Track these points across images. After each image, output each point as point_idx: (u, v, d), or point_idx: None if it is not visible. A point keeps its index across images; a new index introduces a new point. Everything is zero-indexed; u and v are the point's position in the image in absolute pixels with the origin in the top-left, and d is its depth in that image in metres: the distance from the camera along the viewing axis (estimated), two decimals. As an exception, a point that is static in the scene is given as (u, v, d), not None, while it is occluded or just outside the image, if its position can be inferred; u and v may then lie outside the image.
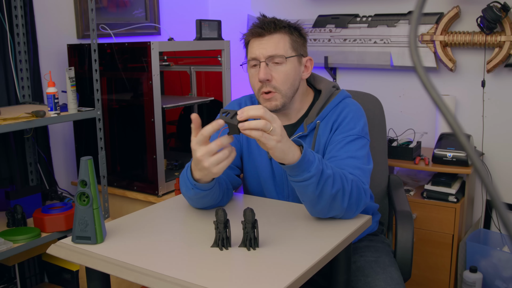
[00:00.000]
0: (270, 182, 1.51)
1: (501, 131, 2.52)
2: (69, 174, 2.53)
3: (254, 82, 1.45)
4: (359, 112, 1.47)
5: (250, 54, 1.44)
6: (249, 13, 3.20)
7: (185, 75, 2.87)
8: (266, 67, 1.41)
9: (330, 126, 1.45)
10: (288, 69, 1.42)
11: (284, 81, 1.42)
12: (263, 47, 1.41)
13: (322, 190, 1.19)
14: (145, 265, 1.05)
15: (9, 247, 1.81)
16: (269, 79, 1.40)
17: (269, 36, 1.42)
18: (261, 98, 1.45)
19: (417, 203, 2.37)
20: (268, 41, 1.42)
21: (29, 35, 2.24)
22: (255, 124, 1.10)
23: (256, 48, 1.42)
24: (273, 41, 1.42)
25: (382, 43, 2.70)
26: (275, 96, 1.42)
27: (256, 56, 1.42)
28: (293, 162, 1.16)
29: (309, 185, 1.19)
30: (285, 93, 1.43)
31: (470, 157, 0.52)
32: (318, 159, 1.19)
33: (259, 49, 1.41)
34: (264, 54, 1.41)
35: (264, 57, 1.41)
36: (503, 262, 2.28)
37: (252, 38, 1.44)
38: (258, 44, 1.42)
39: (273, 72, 1.41)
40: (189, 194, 1.32)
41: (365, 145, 1.41)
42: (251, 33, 1.44)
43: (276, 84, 1.41)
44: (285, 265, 1.04)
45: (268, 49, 1.41)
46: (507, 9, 2.29)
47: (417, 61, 0.50)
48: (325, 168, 1.20)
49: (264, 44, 1.41)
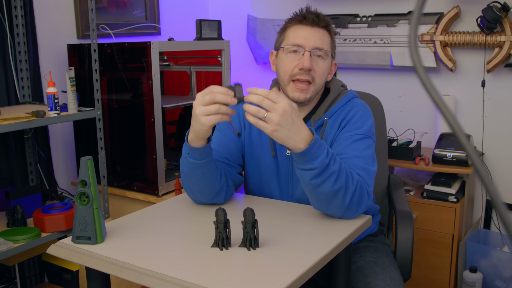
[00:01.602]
0: (274, 181, 1.51)
1: (501, 131, 2.52)
2: (69, 174, 2.53)
3: (290, 67, 1.43)
4: (367, 112, 1.48)
5: (294, 40, 1.42)
6: (249, 13, 3.20)
7: (185, 75, 2.87)
8: (310, 57, 1.41)
9: (338, 124, 1.45)
10: (326, 65, 1.45)
11: (321, 76, 1.44)
12: (311, 37, 1.41)
13: (322, 184, 1.20)
14: (145, 265, 1.05)
15: (9, 247, 1.81)
16: (312, 69, 1.41)
17: (318, 28, 1.43)
18: (290, 86, 1.43)
19: (417, 203, 2.37)
20: (316, 32, 1.42)
21: (29, 35, 2.24)
22: (247, 108, 1.14)
23: (303, 36, 1.42)
24: (321, 34, 1.43)
25: (382, 43, 2.70)
26: (309, 88, 1.42)
27: (302, 44, 1.41)
28: (297, 150, 1.16)
29: (308, 176, 1.19)
30: (318, 87, 1.45)
31: (470, 157, 0.52)
32: (326, 154, 1.19)
33: (307, 39, 1.41)
34: (311, 45, 1.41)
35: (311, 47, 1.41)
36: (503, 262, 2.28)
37: (300, 24, 1.43)
38: (306, 33, 1.42)
39: (314, 64, 1.42)
40: (184, 168, 1.34)
41: (371, 145, 1.42)
42: (301, 19, 1.43)
43: (314, 76, 1.42)
44: (285, 265, 1.04)
45: (316, 41, 1.41)
46: (507, 9, 2.29)
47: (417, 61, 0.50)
48: (332, 164, 1.20)
49: (312, 34, 1.41)
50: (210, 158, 1.32)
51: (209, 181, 1.34)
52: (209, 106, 1.18)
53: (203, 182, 1.34)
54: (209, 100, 1.17)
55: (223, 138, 1.53)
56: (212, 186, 1.36)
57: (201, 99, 1.19)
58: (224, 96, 1.17)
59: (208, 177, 1.33)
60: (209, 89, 1.19)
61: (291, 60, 1.43)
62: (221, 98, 1.17)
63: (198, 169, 1.31)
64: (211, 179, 1.34)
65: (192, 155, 1.28)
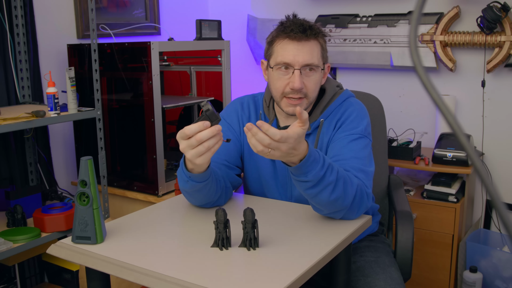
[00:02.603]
0: (272, 183, 1.51)
1: (501, 131, 2.52)
2: (69, 174, 2.53)
3: (280, 86, 1.40)
4: (363, 112, 1.47)
5: (282, 58, 1.38)
6: (249, 13, 3.20)
7: (185, 75, 2.87)
8: (300, 75, 1.37)
9: (334, 124, 1.45)
10: (318, 77, 1.41)
11: (314, 89, 1.41)
12: (300, 53, 1.36)
13: (318, 195, 1.19)
14: (145, 265, 1.05)
15: (9, 247, 1.81)
16: (303, 87, 1.38)
17: (306, 42, 1.37)
18: (284, 102, 1.41)
19: (417, 203, 2.37)
20: (304, 48, 1.37)
21: (29, 35, 2.24)
22: (254, 145, 1.10)
23: (291, 53, 1.37)
24: (309, 48, 1.37)
25: (382, 43, 2.70)
26: (303, 102, 1.40)
27: (290, 62, 1.37)
28: (291, 165, 1.16)
29: (303, 187, 1.19)
30: (311, 100, 1.43)
31: (470, 157, 0.52)
32: (321, 166, 1.17)
33: (295, 56, 1.36)
34: (300, 62, 1.36)
35: (300, 65, 1.37)
36: (503, 262, 2.28)
37: (288, 39, 1.38)
38: (294, 49, 1.37)
39: (305, 80, 1.38)
40: (185, 188, 1.32)
41: (367, 145, 1.41)
42: (287, 35, 1.38)
43: (307, 92, 1.39)
44: (285, 265, 1.04)
45: (305, 57, 1.36)
46: (507, 9, 2.29)
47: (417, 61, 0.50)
48: (328, 175, 1.18)
49: (301, 50, 1.37)
50: (212, 176, 1.30)
51: (211, 194, 1.34)
52: (198, 148, 1.14)
53: (205, 196, 1.34)
54: (197, 142, 1.14)
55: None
56: (214, 196, 1.36)
57: (188, 143, 1.14)
58: (212, 140, 1.14)
59: (210, 191, 1.33)
60: (185, 133, 1.13)
61: (281, 78, 1.39)
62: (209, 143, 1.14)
63: (202, 189, 1.30)
64: (213, 192, 1.34)
65: (194, 179, 1.26)
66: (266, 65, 1.48)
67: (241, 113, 1.56)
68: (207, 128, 1.13)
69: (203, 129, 1.13)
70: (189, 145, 1.15)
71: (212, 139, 1.14)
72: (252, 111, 1.56)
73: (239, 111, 1.56)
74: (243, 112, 1.56)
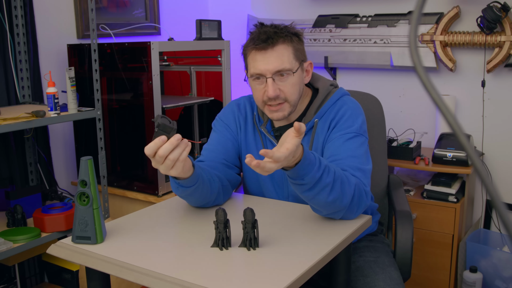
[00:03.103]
0: (269, 183, 1.51)
1: (501, 131, 2.52)
2: (69, 174, 2.53)
3: (259, 96, 1.41)
4: (357, 110, 1.46)
5: (254, 69, 1.39)
6: (249, 13, 3.20)
7: (185, 75, 2.87)
8: (274, 82, 1.37)
9: (328, 124, 1.44)
10: (295, 80, 1.40)
11: (293, 92, 1.41)
12: (268, 62, 1.37)
13: (316, 197, 1.19)
14: (145, 265, 1.05)
15: (9, 247, 1.81)
16: (278, 94, 1.38)
17: (272, 49, 1.37)
18: (266, 109, 1.42)
19: (417, 203, 2.37)
20: (271, 55, 1.37)
21: (29, 35, 2.24)
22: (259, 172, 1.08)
23: (261, 63, 1.37)
24: (277, 54, 1.37)
25: (382, 43, 2.70)
26: (284, 106, 1.41)
27: (261, 72, 1.38)
28: (286, 168, 1.16)
29: (300, 189, 1.19)
30: (294, 102, 1.42)
31: (470, 157, 0.52)
32: (318, 168, 1.16)
33: (264, 65, 1.37)
34: (270, 70, 1.37)
35: (271, 73, 1.37)
36: (503, 262, 2.28)
37: (255, 50, 1.39)
38: (262, 59, 1.37)
39: (281, 86, 1.38)
40: (178, 193, 1.33)
41: (363, 143, 1.41)
42: (253, 47, 1.39)
43: (285, 96, 1.39)
44: (285, 265, 1.04)
45: (274, 64, 1.36)
46: (507, 9, 2.29)
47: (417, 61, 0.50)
48: (325, 177, 1.18)
49: (268, 59, 1.37)
50: (201, 179, 1.30)
51: (205, 195, 1.35)
52: (165, 163, 1.14)
53: (200, 198, 1.35)
54: (161, 159, 1.13)
55: (220, 139, 1.53)
56: (210, 196, 1.36)
57: (154, 161, 1.15)
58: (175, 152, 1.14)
59: (204, 193, 1.33)
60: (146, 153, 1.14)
61: (257, 88, 1.41)
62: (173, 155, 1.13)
63: (193, 192, 1.31)
64: (207, 193, 1.34)
65: (182, 184, 1.27)
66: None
67: (238, 114, 1.56)
68: (164, 142, 1.13)
69: (161, 145, 1.12)
70: (156, 162, 1.15)
71: (176, 150, 1.14)
72: (249, 112, 1.56)
73: (236, 112, 1.57)
74: (239, 113, 1.56)
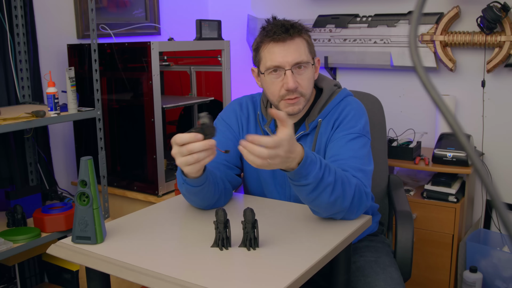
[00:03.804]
0: (270, 183, 1.51)
1: (501, 131, 2.52)
2: (69, 174, 2.53)
3: (275, 90, 1.41)
4: (361, 111, 1.47)
5: (271, 62, 1.39)
6: (249, 13, 3.20)
7: (185, 75, 2.87)
8: (293, 75, 1.38)
9: (332, 124, 1.44)
10: (310, 73, 1.42)
11: (308, 86, 1.42)
12: (287, 53, 1.37)
13: (319, 197, 1.19)
14: (145, 265, 1.05)
15: (9, 247, 1.81)
16: (297, 86, 1.39)
17: (291, 40, 1.38)
18: (283, 103, 1.42)
19: (417, 203, 2.37)
20: (290, 46, 1.37)
21: (29, 35, 2.24)
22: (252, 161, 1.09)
23: (279, 55, 1.37)
24: (295, 46, 1.38)
25: (382, 43, 2.70)
26: (300, 100, 1.41)
27: (280, 64, 1.38)
28: (289, 170, 1.16)
29: (304, 191, 1.19)
30: (308, 96, 1.43)
31: (470, 157, 0.52)
32: (319, 167, 1.17)
33: (284, 57, 1.37)
34: (289, 62, 1.37)
35: (290, 64, 1.37)
36: (503, 262, 2.28)
37: (273, 42, 1.38)
38: (281, 51, 1.37)
39: (298, 79, 1.39)
40: (182, 190, 1.33)
41: (366, 144, 1.41)
42: (272, 38, 1.38)
43: (301, 90, 1.40)
44: (285, 265, 1.04)
45: (293, 55, 1.37)
46: (507, 9, 2.29)
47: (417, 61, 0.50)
48: (326, 176, 1.18)
49: (287, 50, 1.37)
50: (208, 180, 1.30)
51: (208, 198, 1.35)
52: (188, 157, 1.14)
53: (203, 199, 1.35)
54: (187, 152, 1.14)
55: (222, 140, 1.52)
56: (212, 199, 1.36)
57: (179, 150, 1.15)
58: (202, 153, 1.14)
59: (207, 195, 1.33)
60: (175, 141, 1.14)
61: (274, 82, 1.40)
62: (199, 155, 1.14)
63: (198, 193, 1.31)
64: (210, 196, 1.34)
65: (189, 182, 1.27)
66: (257, 72, 1.49)
67: (240, 114, 1.56)
68: (199, 140, 1.13)
69: (194, 140, 1.13)
70: (179, 152, 1.16)
71: (203, 153, 1.14)
72: (251, 111, 1.56)
73: (238, 112, 1.56)
74: (241, 112, 1.56)
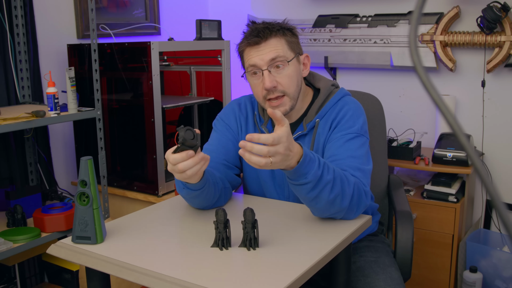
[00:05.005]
0: (269, 183, 1.51)
1: (501, 131, 2.52)
2: (69, 174, 2.53)
3: (258, 91, 1.42)
4: (358, 110, 1.46)
5: (249, 62, 1.41)
6: (249, 13, 3.20)
7: (185, 75, 2.87)
8: (270, 74, 1.39)
9: (329, 124, 1.44)
10: (291, 70, 1.41)
11: (290, 84, 1.41)
12: (262, 53, 1.39)
13: (319, 195, 1.19)
14: (145, 265, 1.05)
15: (9, 247, 1.81)
16: (275, 85, 1.39)
17: (265, 42, 1.39)
18: (267, 104, 1.43)
19: (417, 203, 2.37)
20: (265, 48, 1.39)
21: (29, 35, 2.24)
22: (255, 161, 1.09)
23: (255, 55, 1.40)
24: (271, 46, 1.39)
25: (382, 43, 2.70)
26: (284, 100, 1.41)
27: (256, 64, 1.39)
28: (289, 169, 1.16)
29: (304, 190, 1.19)
30: (293, 95, 1.43)
31: (470, 157, 0.52)
32: (318, 165, 1.17)
33: (258, 56, 1.39)
34: (264, 60, 1.38)
35: (266, 63, 1.39)
36: (503, 262, 2.28)
37: (249, 46, 1.41)
38: (256, 52, 1.40)
39: (277, 78, 1.39)
40: (182, 194, 1.33)
41: (364, 144, 1.41)
42: (247, 43, 1.41)
43: (283, 88, 1.40)
44: (285, 265, 1.04)
45: (268, 54, 1.38)
46: (507, 9, 2.29)
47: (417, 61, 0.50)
48: (325, 174, 1.18)
49: (262, 52, 1.39)
50: (208, 183, 1.30)
51: (209, 199, 1.35)
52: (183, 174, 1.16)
53: (203, 201, 1.35)
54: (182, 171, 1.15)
55: (221, 139, 1.52)
56: (212, 200, 1.36)
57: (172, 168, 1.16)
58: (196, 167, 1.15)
59: (208, 197, 1.33)
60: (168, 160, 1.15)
61: (256, 83, 1.42)
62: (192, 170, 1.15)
63: (198, 195, 1.31)
64: (210, 197, 1.34)
65: (189, 186, 1.27)
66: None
67: (239, 114, 1.56)
68: (190, 157, 1.14)
69: (186, 159, 1.14)
70: (173, 170, 1.17)
71: (197, 166, 1.16)
72: (249, 111, 1.56)
73: (237, 112, 1.56)
74: (240, 112, 1.56)
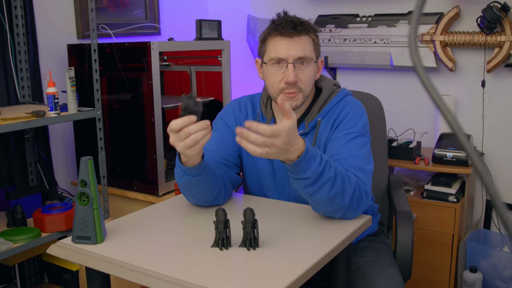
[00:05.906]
0: (270, 182, 1.51)
1: (501, 131, 2.52)
2: (69, 174, 2.53)
3: (276, 81, 1.42)
4: (360, 110, 1.47)
5: (276, 53, 1.40)
6: (249, 13, 3.20)
7: (185, 75, 2.87)
8: (294, 69, 1.39)
9: (331, 124, 1.45)
10: (312, 71, 1.43)
11: (309, 83, 1.43)
12: (292, 48, 1.39)
13: (318, 191, 1.19)
14: (145, 265, 1.05)
15: (9, 247, 1.81)
16: (297, 80, 1.40)
17: (298, 37, 1.40)
18: (281, 96, 1.43)
19: (417, 203, 2.37)
20: (296, 42, 1.40)
21: (29, 35, 2.24)
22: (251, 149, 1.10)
23: (284, 48, 1.40)
24: (302, 42, 1.40)
25: (382, 43, 2.70)
26: (298, 96, 1.42)
27: (284, 57, 1.39)
28: (289, 162, 1.16)
29: (302, 184, 1.19)
30: (307, 93, 1.44)
31: (470, 157, 0.52)
32: (319, 162, 1.17)
33: (288, 50, 1.39)
34: (293, 56, 1.39)
35: (293, 58, 1.39)
36: (503, 262, 2.28)
37: (280, 35, 1.41)
38: (286, 44, 1.40)
39: (299, 74, 1.40)
40: (181, 183, 1.33)
41: (366, 144, 1.41)
42: (279, 33, 1.41)
43: (301, 85, 1.41)
44: (285, 265, 1.04)
45: (297, 51, 1.39)
46: (507, 9, 2.29)
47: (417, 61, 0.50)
48: (326, 171, 1.19)
49: (293, 45, 1.39)
50: (207, 170, 1.31)
51: (207, 190, 1.35)
52: (186, 141, 1.17)
53: (202, 192, 1.35)
54: (185, 135, 1.17)
55: (220, 139, 1.52)
56: (211, 193, 1.36)
57: (176, 136, 1.18)
58: (200, 134, 1.17)
59: (206, 187, 1.34)
60: (171, 128, 1.17)
61: (276, 74, 1.41)
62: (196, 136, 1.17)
63: (197, 183, 1.31)
64: (209, 188, 1.35)
65: (188, 173, 1.28)
66: (260, 63, 1.49)
67: (239, 113, 1.56)
68: (193, 122, 1.17)
69: (189, 123, 1.16)
70: (177, 138, 1.18)
71: (200, 133, 1.17)
72: (250, 111, 1.56)
73: (237, 111, 1.57)
74: (240, 112, 1.56)
